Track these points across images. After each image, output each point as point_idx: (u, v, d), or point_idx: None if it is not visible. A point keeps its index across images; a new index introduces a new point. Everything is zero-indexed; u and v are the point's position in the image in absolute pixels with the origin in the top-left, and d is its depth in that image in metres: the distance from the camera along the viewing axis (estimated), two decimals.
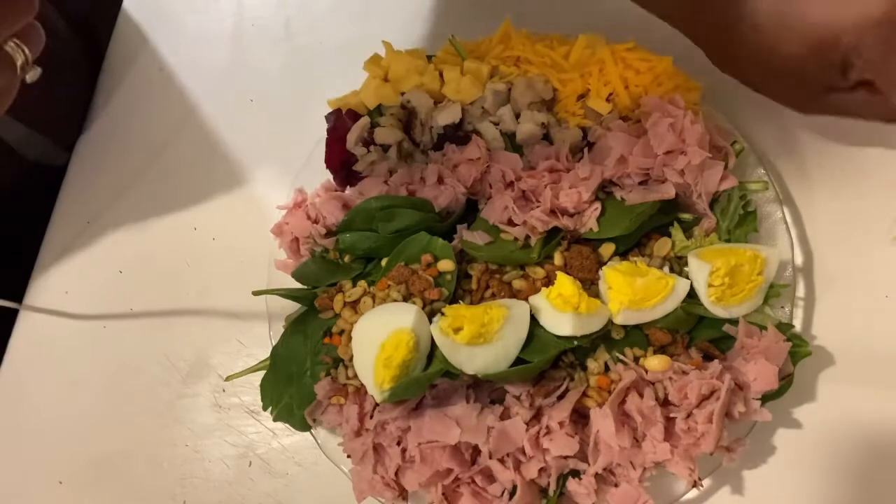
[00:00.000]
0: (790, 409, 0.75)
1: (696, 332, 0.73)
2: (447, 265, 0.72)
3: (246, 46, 1.08)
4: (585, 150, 0.77)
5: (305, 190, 0.82)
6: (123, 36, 1.12)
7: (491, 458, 0.67)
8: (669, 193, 0.72)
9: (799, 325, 0.78)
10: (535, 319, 0.69)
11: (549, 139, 0.81)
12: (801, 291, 0.80)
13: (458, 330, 0.66)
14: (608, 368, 0.70)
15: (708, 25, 0.71)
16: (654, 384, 0.69)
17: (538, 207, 0.73)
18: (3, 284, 0.90)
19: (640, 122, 0.76)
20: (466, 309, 0.67)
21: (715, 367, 0.67)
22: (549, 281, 0.72)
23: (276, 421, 0.77)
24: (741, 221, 0.76)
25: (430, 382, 0.69)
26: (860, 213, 0.84)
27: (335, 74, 1.02)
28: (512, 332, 0.67)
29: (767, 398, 0.69)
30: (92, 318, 0.91)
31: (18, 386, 0.89)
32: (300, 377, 0.75)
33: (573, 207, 0.72)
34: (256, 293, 0.78)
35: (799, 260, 0.81)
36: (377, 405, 0.70)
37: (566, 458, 0.67)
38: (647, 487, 0.68)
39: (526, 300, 0.70)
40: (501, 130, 0.81)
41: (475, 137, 0.78)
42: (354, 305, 0.73)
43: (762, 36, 0.66)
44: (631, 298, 0.67)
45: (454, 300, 0.72)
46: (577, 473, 0.69)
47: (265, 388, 0.77)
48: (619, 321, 0.69)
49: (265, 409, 0.76)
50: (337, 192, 0.81)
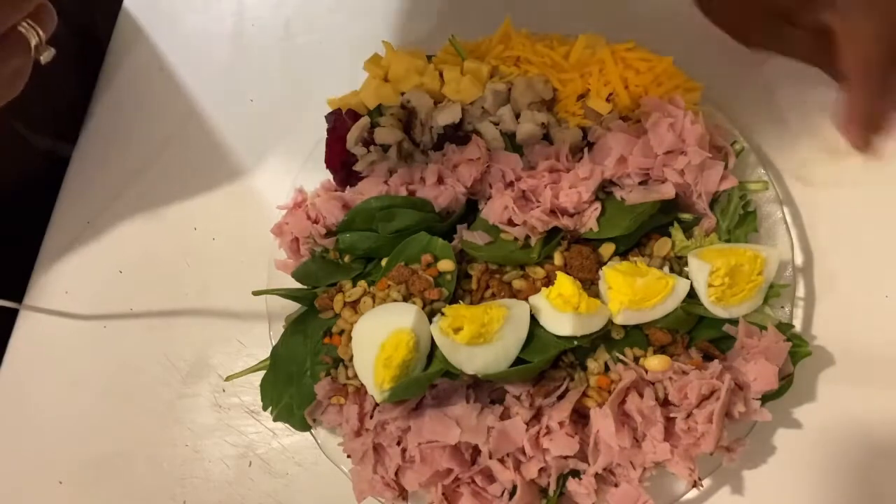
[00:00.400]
0: (790, 409, 0.75)
1: (696, 332, 0.73)
2: (447, 265, 0.72)
3: (246, 46, 1.08)
4: (585, 150, 0.77)
5: (305, 190, 0.82)
6: (123, 36, 1.12)
7: (491, 458, 0.67)
8: (669, 193, 0.72)
9: (799, 325, 0.78)
10: (535, 319, 0.69)
11: (549, 139, 0.81)
12: (801, 291, 0.80)
13: (458, 330, 0.66)
14: (608, 368, 0.70)
15: None
16: (654, 384, 0.69)
17: (538, 207, 0.73)
18: (3, 284, 0.90)
19: (640, 122, 0.76)
20: (466, 309, 0.67)
21: (715, 367, 0.67)
22: (549, 281, 0.72)
23: (276, 421, 0.77)
24: (741, 221, 0.76)
25: (430, 382, 0.69)
26: (860, 213, 0.84)
27: (335, 74, 1.02)
28: (512, 332, 0.67)
29: (767, 398, 0.69)
30: (92, 318, 0.91)
31: (18, 386, 0.89)
32: (300, 377, 0.75)
33: (573, 207, 0.72)
34: (256, 293, 0.79)
35: (799, 260, 0.81)
36: (377, 405, 0.70)
37: (566, 458, 0.67)
38: (647, 487, 0.68)
39: (526, 300, 0.70)
40: (501, 130, 0.81)
41: (475, 137, 0.78)
42: (354, 305, 0.73)
43: None
44: (631, 298, 0.67)
45: (454, 300, 0.72)
46: (577, 473, 0.69)
47: (265, 388, 0.77)
48: (619, 321, 0.69)
49: (265, 409, 0.76)
50: (337, 192, 0.81)
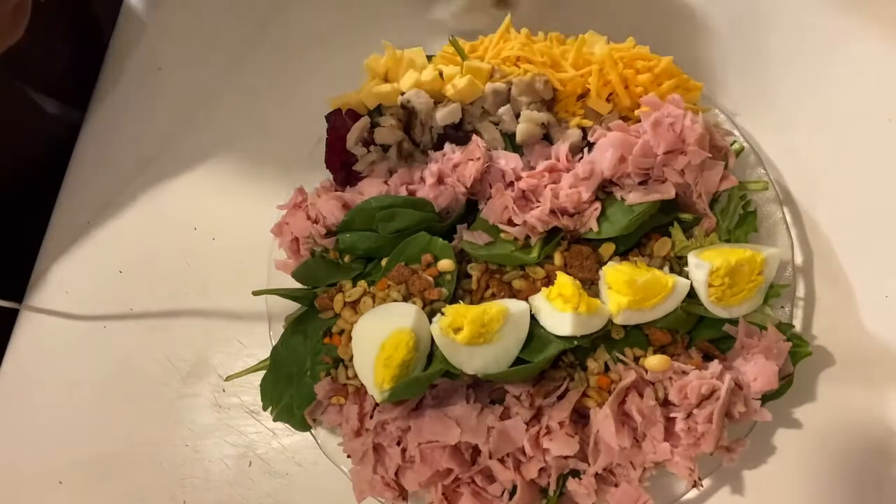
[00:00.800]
0: (790, 409, 0.75)
1: (696, 332, 0.73)
2: (447, 265, 0.72)
3: (246, 46, 1.08)
4: (585, 150, 0.77)
5: (305, 190, 0.82)
6: (124, 36, 1.12)
7: (491, 458, 0.68)
8: (669, 193, 0.72)
9: (799, 325, 0.78)
10: (535, 319, 0.69)
11: (549, 139, 0.81)
12: (801, 291, 0.80)
13: (458, 330, 0.66)
14: (608, 368, 0.70)
15: None
16: (654, 384, 0.69)
17: (538, 207, 0.73)
18: (3, 284, 0.90)
19: (640, 122, 0.76)
20: (466, 309, 0.67)
21: (715, 367, 0.68)
22: (549, 281, 0.72)
23: (276, 421, 0.77)
24: (741, 221, 0.76)
25: (430, 382, 0.69)
26: (861, 213, 0.84)
27: (335, 74, 1.03)
28: (512, 331, 0.67)
29: (767, 398, 0.69)
30: (92, 318, 0.91)
31: (18, 386, 0.89)
32: (300, 377, 0.75)
33: (573, 207, 0.72)
34: (256, 293, 0.79)
35: (799, 260, 0.81)
36: (377, 405, 0.71)
37: (566, 458, 0.67)
38: (647, 487, 0.69)
39: (526, 300, 0.70)
40: (501, 130, 0.81)
41: (475, 137, 0.78)
42: (354, 305, 0.73)
43: None
44: (631, 298, 0.67)
45: (454, 300, 0.72)
46: (577, 473, 0.69)
47: (265, 388, 0.77)
48: (619, 321, 0.69)
49: (265, 409, 0.76)
50: (337, 192, 0.81)
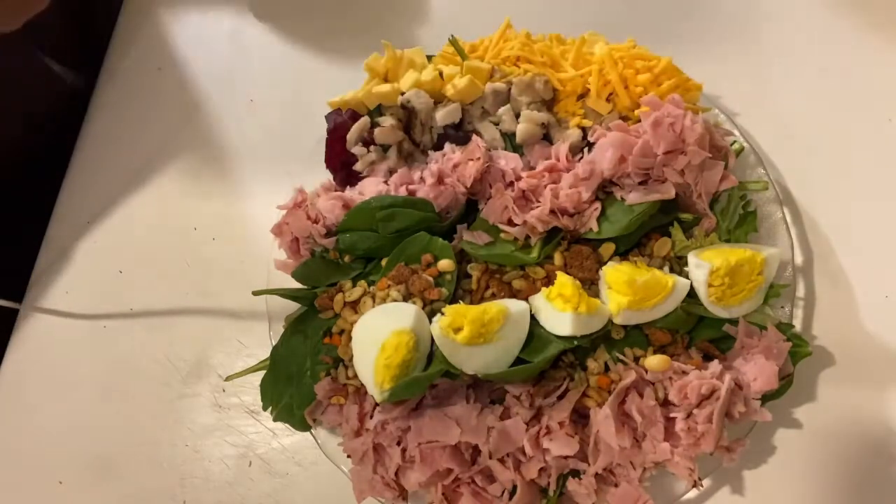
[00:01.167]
0: (790, 409, 0.75)
1: (696, 332, 0.73)
2: (447, 265, 0.72)
3: (246, 46, 1.08)
4: (585, 150, 0.77)
5: (305, 190, 0.82)
6: (124, 35, 1.12)
7: (491, 458, 0.68)
8: (669, 193, 0.72)
9: (799, 325, 0.78)
10: (535, 319, 0.69)
11: (549, 139, 0.81)
12: (801, 291, 0.80)
13: (458, 330, 0.66)
14: (608, 368, 0.70)
15: None
16: (654, 384, 0.69)
17: (538, 207, 0.73)
18: (3, 284, 0.90)
19: (640, 121, 0.76)
20: (466, 309, 0.67)
21: (715, 367, 0.68)
22: (549, 281, 0.72)
23: (276, 421, 0.77)
24: (741, 221, 0.76)
25: (430, 382, 0.69)
26: (860, 213, 0.84)
27: (335, 74, 1.03)
28: (512, 331, 0.67)
29: (767, 398, 0.69)
30: (92, 318, 0.91)
31: (18, 386, 0.89)
32: (300, 377, 0.75)
33: (573, 207, 0.72)
34: (256, 293, 0.78)
35: (799, 260, 0.81)
36: (377, 405, 0.70)
37: (566, 458, 0.67)
38: (647, 487, 0.69)
39: (526, 300, 0.70)
40: (501, 130, 0.81)
41: (475, 137, 0.78)
42: (354, 305, 0.73)
43: None
44: (631, 298, 0.67)
45: (454, 300, 0.72)
46: (577, 473, 0.69)
47: (265, 388, 0.77)
48: (619, 321, 0.69)
49: (265, 409, 0.76)
50: (337, 192, 0.81)
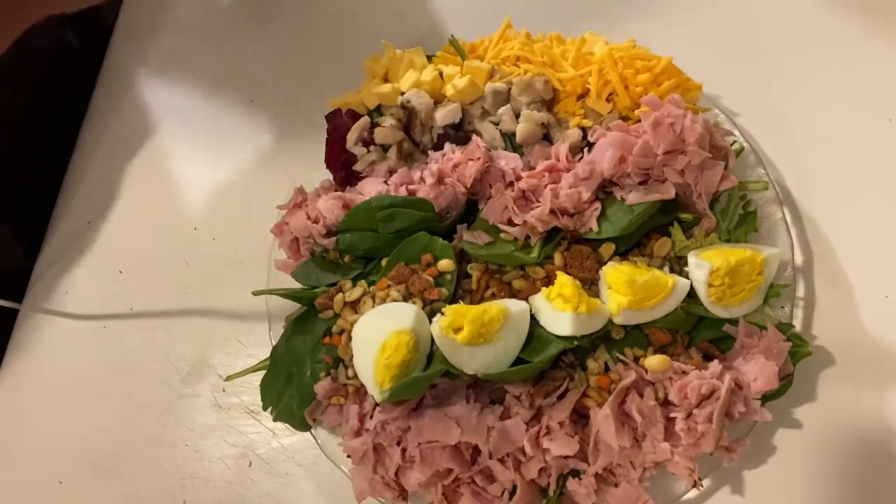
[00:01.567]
0: (790, 409, 0.75)
1: (696, 332, 0.73)
2: (447, 265, 0.72)
3: (246, 46, 1.08)
4: (585, 150, 0.77)
5: (305, 190, 0.82)
6: (124, 35, 1.13)
7: (491, 458, 0.68)
8: (669, 193, 0.72)
9: (799, 325, 0.78)
10: (535, 319, 0.69)
11: (549, 139, 0.81)
12: (801, 291, 0.80)
13: (458, 330, 0.66)
14: (608, 368, 0.70)
15: None
16: (654, 384, 0.69)
17: (538, 207, 0.73)
18: (3, 284, 0.90)
19: (640, 121, 0.76)
20: (466, 309, 0.67)
21: (715, 367, 0.68)
22: (549, 281, 0.72)
23: (276, 421, 0.77)
24: (741, 221, 0.76)
25: (430, 382, 0.69)
26: (860, 213, 0.84)
27: (335, 74, 1.03)
28: (512, 331, 0.67)
29: (767, 398, 0.69)
30: (92, 318, 0.91)
31: (18, 386, 0.89)
32: (300, 377, 0.75)
33: (573, 207, 0.72)
34: (256, 293, 0.79)
35: (799, 260, 0.81)
36: (377, 405, 0.70)
37: (566, 458, 0.67)
38: (647, 487, 0.69)
39: (526, 300, 0.70)
40: (501, 130, 0.81)
41: (475, 137, 0.78)
42: (354, 305, 0.73)
43: None
44: (631, 298, 0.67)
45: (454, 300, 0.72)
46: (577, 473, 0.69)
47: (265, 388, 0.77)
48: (619, 321, 0.69)
49: (265, 409, 0.76)
50: (337, 192, 0.81)
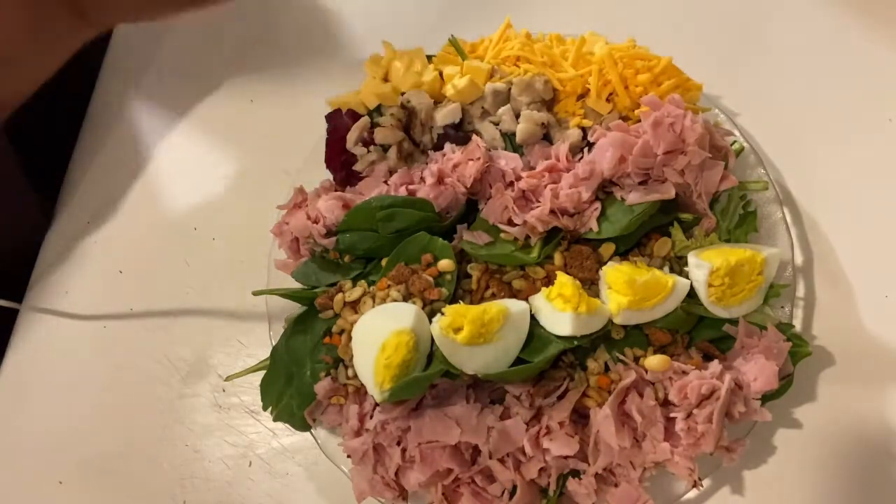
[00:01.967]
0: (790, 409, 0.75)
1: (696, 332, 0.73)
2: (447, 265, 0.72)
3: (246, 46, 1.08)
4: (585, 150, 0.77)
5: (305, 190, 0.82)
6: (124, 35, 1.12)
7: (491, 458, 0.68)
8: (669, 193, 0.72)
9: (799, 325, 0.78)
10: (535, 319, 0.69)
11: (549, 139, 0.81)
12: (801, 291, 0.80)
13: (458, 330, 0.66)
14: (608, 368, 0.70)
15: None
16: (654, 384, 0.69)
17: (538, 207, 0.73)
18: (3, 284, 0.90)
19: (640, 121, 0.76)
20: (466, 309, 0.67)
21: (715, 367, 0.68)
22: (549, 281, 0.72)
23: (276, 421, 0.77)
24: (741, 221, 0.76)
25: (430, 382, 0.69)
26: (860, 213, 0.84)
27: (334, 74, 1.03)
28: (512, 331, 0.67)
29: (767, 398, 0.69)
30: (92, 318, 0.91)
31: (18, 386, 0.89)
32: (300, 377, 0.75)
33: (573, 207, 0.72)
34: (256, 293, 0.79)
35: (799, 260, 0.81)
36: (377, 405, 0.70)
37: (566, 458, 0.67)
38: (647, 487, 0.69)
39: (526, 300, 0.70)
40: (501, 130, 0.81)
41: (475, 137, 0.78)
42: (354, 305, 0.73)
43: None
44: (631, 298, 0.67)
45: (454, 300, 0.72)
46: (577, 473, 0.69)
47: (265, 388, 0.77)
48: (619, 321, 0.69)
49: (265, 409, 0.76)
50: (337, 192, 0.81)
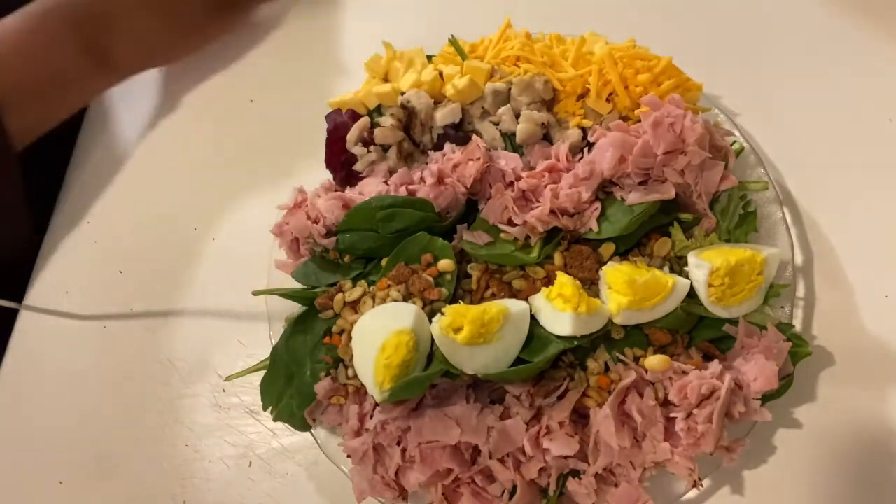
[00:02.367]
0: (790, 409, 0.75)
1: (696, 332, 0.73)
2: (447, 265, 0.72)
3: (246, 46, 1.08)
4: (585, 150, 0.77)
5: (305, 190, 0.82)
6: None
7: (491, 458, 0.68)
8: (669, 193, 0.72)
9: (799, 325, 0.78)
10: (535, 319, 0.69)
11: (549, 139, 0.81)
12: (801, 291, 0.80)
13: (458, 330, 0.66)
14: (608, 368, 0.70)
15: None
16: (654, 384, 0.69)
17: (538, 207, 0.73)
18: (3, 284, 0.90)
19: (640, 121, 0.76)
20: (466, 309, 0.67)
21: (715, 367, 0.68)
22: (549, 281, 0.72)
23: (276, 421, 0.77)
24: (741, 221, 0.76)
25: (430, 382, 0.69)
26: (860, 213, 0.84)
27: (335, 74, 1.03)
28: (512, 331, 0.67)
29: (767, 398, 0.69)
30: (92, 318, 0.91)
31: (18, 386, 0.89)
32: (300, 377, 0.75)
33: (573, 207, 0.72)
34: (256, 293, 0.79)
35: (799, 260, 0.81)
36: (377, 405, 0.70)
37: (566, 458, 0.67)
38: (647, 487, 0.69)
39: (526, 300, 0.70)
40: (501, 130, 0.81)
41: (475, 137, 0.78)
42: (354, 305, 0.73)
43: None
44: (631, 298, 0.67)
45: (454, 300, 0.72)
46: (577, 473, 0.69)
47: (265, 388, 0.77)
48: (619, 321, 0.69)
49: (265, 409, 0.76)
50: (337, 192, 0.81)
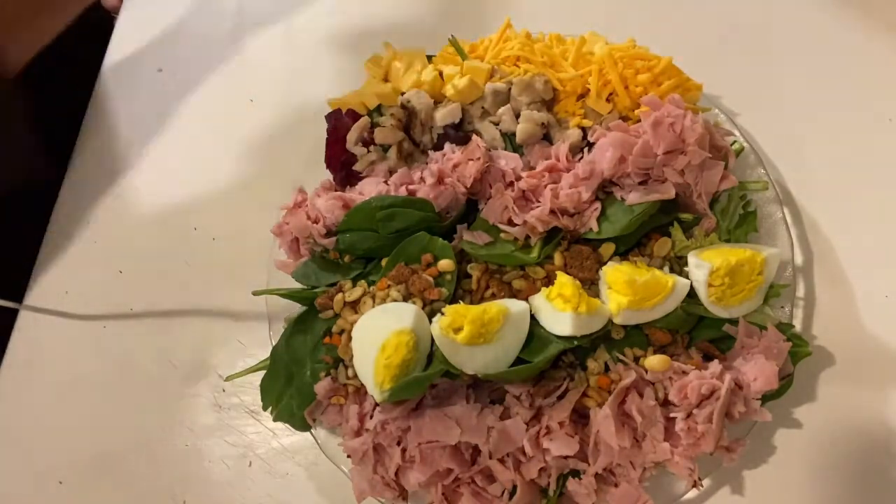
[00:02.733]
0: (790, 409, 0.75)
1: (696, 332, 0.73)
2: (447, 265, 0.72)
3: (246, 46, 1.08)
4: (585, 150, 0.77)
5: (305, 190, 0.82)
6: (124, 36, 1.12)
7: (491, 458, 0.68)
8: (669, 193, 0.72)
9: (799, 325, 0.78)
10: (535, 319, 0.69)
11: (549, 139, 0.81)
12: (801, 291, 0.80)
13: (458, 330, 0.66)
14: (608, 368, 0.70)
15: None
16: (654, 384, 0.69)
17: (538, 207, 0.73)
18: (3, 284, 0.90)
19: (640, 121, 0.76)
20: (466, 309, 0.67)
21: (715, 367, 0.68)
22: (549, 281, 0.72)
23: (276, 421, 0.77)
24: (741, 221, 0.76)
25: (430, 382, 0.69)
26: (860, 213, 0.84)
27: (335, 74, 1.03)
28: (512, 331, 0.67)
29: (767, 398, 0.69)
30: (92, 318, 0.91)
31: (18, 386, 0.89)
32: (300, 377, 0.75)
33: (573, 207, 0.72)
34: (256, 293, 0.79)
35: (799, 260, 0.81)
36: (377, 405, 0.70)
37: (566, 458, 0.67)
38: (647, 487, 0.69)
39: (526, 300, 0.70)
40: (501, 130, 0.81)
41: (475, 137, 0.78)
42: (354, 305, 0.73)
43: None
44: (631, 298, 0.67)
45: (454, 300, 0.72)
46: (577, 473, 0.69)
47: (265, 388, 0.77)
48: (619, 321, 0.69)
49: (265, 409, 0.76)
50: (337, 192, 0.81)
